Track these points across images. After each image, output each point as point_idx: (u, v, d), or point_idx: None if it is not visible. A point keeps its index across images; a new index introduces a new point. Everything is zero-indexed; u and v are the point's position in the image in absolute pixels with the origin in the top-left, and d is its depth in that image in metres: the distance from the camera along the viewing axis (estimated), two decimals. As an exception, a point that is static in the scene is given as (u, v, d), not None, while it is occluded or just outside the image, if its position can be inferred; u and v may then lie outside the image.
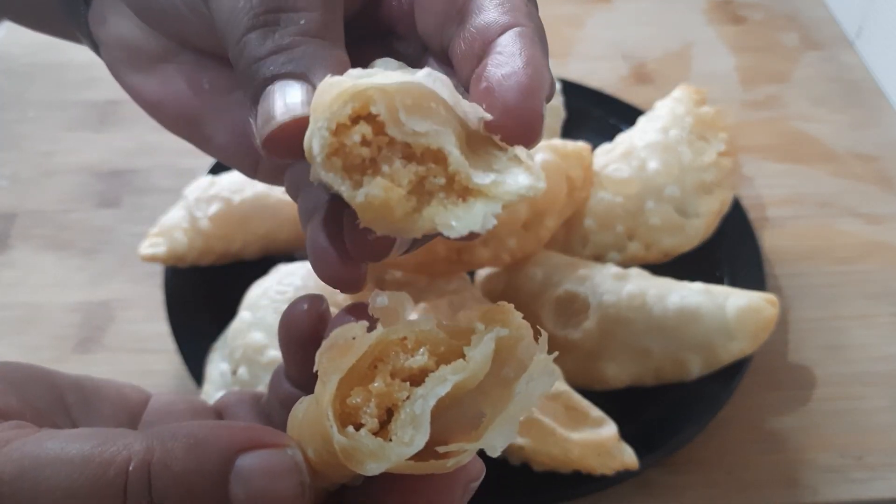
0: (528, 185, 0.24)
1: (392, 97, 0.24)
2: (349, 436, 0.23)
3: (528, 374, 0.24)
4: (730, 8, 0.92)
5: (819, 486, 0.53)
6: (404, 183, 0.24)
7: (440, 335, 0.25)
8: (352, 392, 0.24)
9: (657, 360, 0.55)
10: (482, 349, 0.24)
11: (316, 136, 0.24)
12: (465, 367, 0.24)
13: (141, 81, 0.35)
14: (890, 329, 0.62)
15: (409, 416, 0.23)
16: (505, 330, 0.25)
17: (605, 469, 0.49)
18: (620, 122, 0.72)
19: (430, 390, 0.23)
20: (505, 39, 0.27)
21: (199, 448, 0.24)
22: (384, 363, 0.24)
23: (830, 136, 0.77)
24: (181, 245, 0.60)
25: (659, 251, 0.61)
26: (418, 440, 0.23)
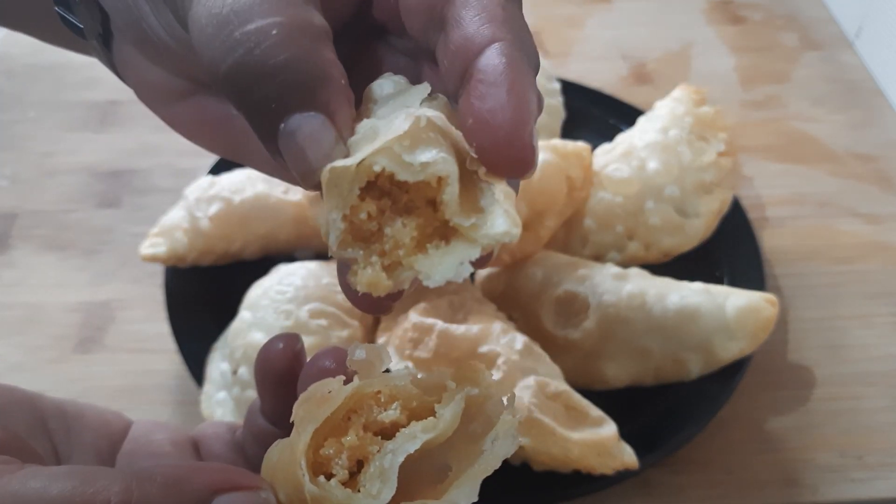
0: (504, 230, 0.25)
1: (390, 149, 0.25)
2: (320, 485, 0.24)
3: (494, 432, 0.26)
4: (729, 8, 0.92)
5: (819, 486, 0.53)
6: (408, 241, 0.26)
7: (413, 391, 0.26)
8: (325, 443, 0.25)
9: (657, 360, 0.55)
10: (452, 408, 0.25)
11: (332, 230, 0.26)
12: (434, 426, 0.25)
13: (175, 114, 0.35)
14: (889, 329, 0.62)
15: (378, 469, 0.24)
16: (475, 389, 0.26)
17: (605, 469, 0.49)
18: (620, 122, 0.72)
19: (400, 446, 0.25)
20: (485, 62, 0.26)
21: (176, 488, 0.24)
22: (358, 415, 0.25)
23: (830, 136, 0.77)
24: (181, 245, 0.60)
25: (659, 251, 0.61)
26: (385, 494, 0.24)
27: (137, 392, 0.58)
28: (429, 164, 0.25)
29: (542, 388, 0.49)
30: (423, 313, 0.52)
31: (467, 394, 0.26)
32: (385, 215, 0.26)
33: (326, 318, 0.53)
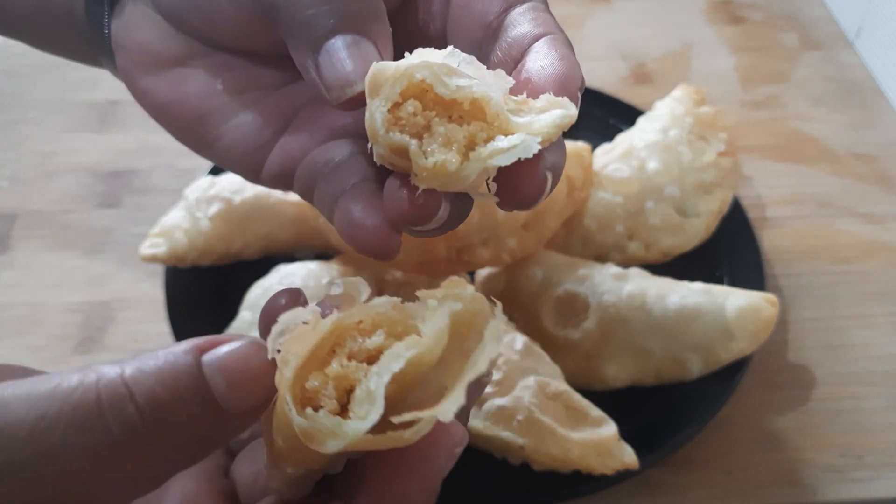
0: (562, 114, 0.27)
1: (433, 67, 0.27)
2: (308, 417, 0.24)
3: (484, 342, 0.25)
4: (729, 8, 0.92)
5: (819, 486, 0.53)
6: (459, 139, 0.27)
7: (397, 316, 0.26)
8: (310, 377, 0.25)
9: (657, 360, 0.55)
10: (435, 323, 0.25)
11: (377, 113, 0.27)
12: (418, 342, 0.24)
13: (153, 84, 0.36)
14: (890, 329, 0.62)
15: (365, 392, 0.24)
16: (458, 304, 0.25)
17: (605, 469, 0.49)
18: (620, 122, 0.72)
19: (385, 367, 0.24)
20: (539, 44, 0.30)
21: (164, 356, 0.24)
22: (342, 347, 0.25)
23: (830, 136, 0.77)
24: (182, 245, 0.60)
25: (659, 251, 0.61)
26: (372, 415, 0.23)
27: (137, 392, 0.58)
28: (464, 87, 0.27)
29: (542, 388, 0.49)
30: None
31: (451, 309, 0.25)
32: (433, 121, 0.27)
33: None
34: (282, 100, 0.36)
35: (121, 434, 0.23)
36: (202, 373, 0.24)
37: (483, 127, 0.27)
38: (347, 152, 0.33)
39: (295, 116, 0.36)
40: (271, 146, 0.36)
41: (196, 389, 0.24)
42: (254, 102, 0.36)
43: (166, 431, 0.24)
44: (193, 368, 0.24)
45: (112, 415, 0.23)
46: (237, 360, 0.25)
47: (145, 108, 0.37)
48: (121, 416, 0.23)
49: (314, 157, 0.34)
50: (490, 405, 0.48)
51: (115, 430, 0.23)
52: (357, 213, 0.30)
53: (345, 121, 0.35)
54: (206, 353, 0.25)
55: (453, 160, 0.27)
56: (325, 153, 0.34)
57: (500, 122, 0.27)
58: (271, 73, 0.36)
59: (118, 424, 0.23)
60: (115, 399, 0.23)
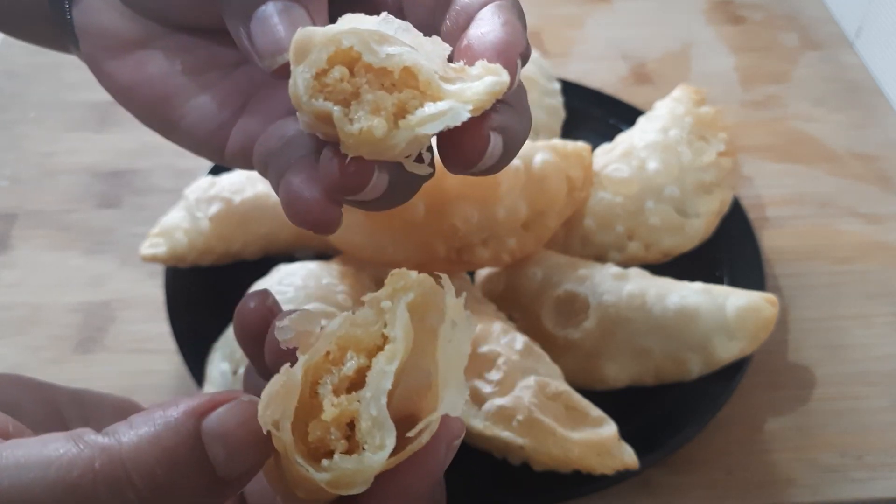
0: (493, 81, 0.26)
1: (362, 34, 0.26)
2: (329, 469, 0.23)
3: (448, 319, 0.25)
4: (729, 8, 0.92)
5: (819, 486, 0.53)
6: (388, 106, 0.26)
7: (357, 331, 0.25)
8: (308, 430, 0.24)
9: (657, 360, 0.55)
10: (399, 325, 0.24)
11: (300, 79, 0.26)
12: (395, 352, 0.24)
13: (116, 68, 0.36)
14: (890, 329, 0.62)
15: (370, 421, 0.23)
16: (410, 293, 0.25)
17: (605, 469, 0.49)
18: (620, 122, 0.72)
19: (377, 389, 0.24)
20: (485, 10, 0.29)
21: (163, 429, 0.24)
22: (321, 384, 0.25)
23: (830, 136, 0.77)
24: (182, 245, 0.60)
25: (659, 251, 0.61)
26: (388, 441, 0.23)
27: (138, 392, 0.57)
28: (393, 55, 0.26)
29: (542, 388, 0.49)
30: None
31: (406, 301, 0.25)
32: (362, 87, 0.26)
33: (326, 318, 0.53)
34: (241, 78, 0.36)
35: None
36: (201, 443, 0.24)
37: (415, 95, 0.27)
38: (297, 127, 0.33)
39: (254, 94, 0.36)
40: (232, 125, 0.36)
41: (196, 462, 0.23)
42: (213, 82, 0.36)
43: None
44: (193, 439, 0.24)
45: (109, 498, 0.22)
46: (236, 425, 0.24)
47: (110, 92, 0.37)
48: (120, 500, 0.22)
49: (268, 134, 0.34)
50: (490, 405, 0.48)
51: None
52: (295, 186, 0.30)
53: None
54: (204, 418, 0.24)
55: (380, 127, 0.26)
56: (278, 130, 0.34)
57: (432, 90, 0.27)
58: (229, 52, 0.36)
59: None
60: (114, 484, 0.22)
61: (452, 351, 0.25)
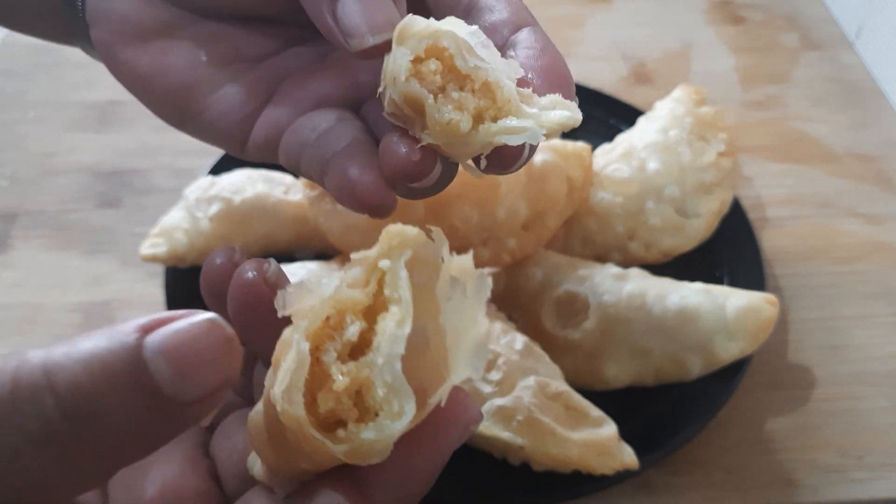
0: (568, 115, 0.29)
1: (457, 39, 0.28)
2: (346, 440, 0.22)
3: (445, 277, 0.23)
4: (729, 8, 0.92)
5: (819, 486, 0.53)
6: (470, 108, 0.29)
7: (353, 293, 0.24)
8: (318, 400, 0.23)
9: (657, 360, 0.55)
10: (403, 284, 0.23)
11: (401, 59, 0.29)
12: (404, 314, 0.23)
13: (134, 56, 0.35)
14: (890, 329, 0.62)
15: (385, 387, 0.22)
16: (408, 251, 0.23)
17: (605, 469, 0.49)
18: (620, 122, 0.72)
19: (390, 354, 0.22)
20: (523, 35, 0.31)
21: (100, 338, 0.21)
22: (324, 351, 0.23)
23: (830, 137, 0.77)
24: (182, 245, 0.60)
25: (659, 251, 0.61)
26: (408, 406, 0.22)
27: (137, 392, 0.58)
28: (480, 67, 0.29)
29: (542, 388, 0.49)
30: None
31: (405, 259, 0.23)
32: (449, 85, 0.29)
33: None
34: (266, 71, 0.36)
35: (38, 431, 0.20)
36: (142, 357, 0.21)
37: (491, 106, 0.29)
38: (334, 118, 0.34)
39: (279, 87, 0.36)
40: (256, 117, 0.36)
41: (133, 376, 0.21)
42: (238, 74, 0.36)
43: (95, 426, 0.21)
44: (131, 352, 0.21)
45: (29, 408, 0.20)
46: (185, 341, 0.21)
47: (123, 81, 0.37)
48: (37, 409, 0.20)
49: (299, 125, 0.35)
50: (490, 405, 0.48)
51: (31, 426, 0.20)
52: (353, 171, 0.31)
53: (328, 90, 0.36)
54: (150, 333, 0.21)
55: (466, 122, 0.28)
56: (310, 121, 0.34)
57: (510, 107, 0.29)
58: (256, 43, 0.37)
59: (35, 420, 0.20)
60: (32, 390, 0.20)
61: (456, 308, 0.23)
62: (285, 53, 0.37)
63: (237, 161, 0.66)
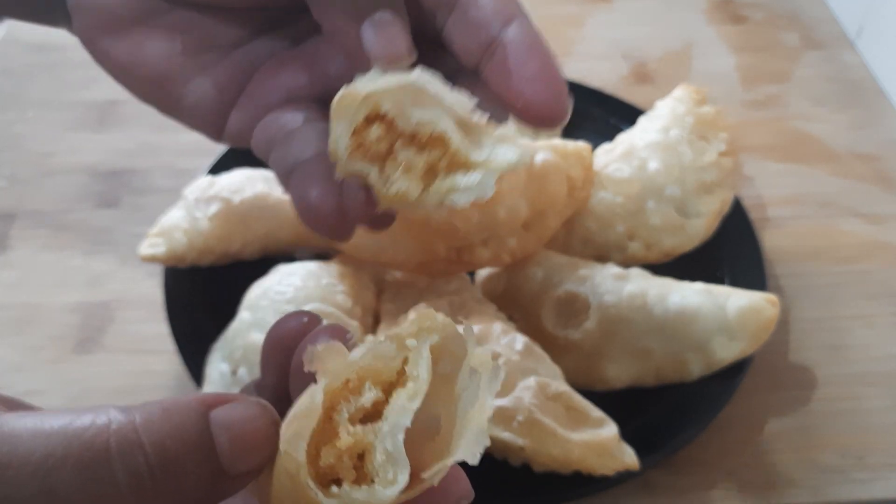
0: (517, 158, 0.29)
1: (397, 96, 0.28)
2: (339, 497, 0.23)
3: (466, 366, 0.25)
4: (730, 7, 0.92)
5: (820, 487, 0.53)
6: (419, 167, 0.29)
7: (378, 364, 0.25)
8: (321, 454, 0.24)
9: (658, 361, 0.55)
10: (423, 364, 0.24)
11: (340, 140, 0.29)
12: (416, 390, 0.24)
13: (113, 45, 0.36)
14: (891, 329, 0.61)
15: (384, 454, 0.23)
16: (435, 336, 0.25)
17: (605, 470, 0.48)
18: (620, 122, 0.71)
19: (396, 425, 0.23)
20: (511, 34, 0.31)
21: (174, 408, 0.24)
22: (338, 412, 0.24)
23: (831, 136, 0.77)
24: (181, 245, 0.60)
25: (659, 251, 0.61)
26: (401, 477, 0.23)
27: (136, 393, 0.58)
28: (425, 122, 0.29)
29: (542, 388, 0.49)
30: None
31: (431, 342, 0.25)
32: (395, 145, 0.30)
33: (326, 318, 0.53)
34: (240, 59, 0.37)
35: (127, 483, 0.22)
36: (209, 429, 0.24)
37: (443, 154, 0.30)
38: (301, 119, 0.35)
39: (252, 77, 0.37)
40: (230, 107, 0.37)
41: (203, 445, 0.24)
42: (213, 63, 0.37)
43: (171, 485, 0.23)
44: (202, 423, 0.24)
45: (121, 462, 0.22)
46: (243, 420, 0.24)
47: (105, 69, 0.38)
48: (130, 464, 0.22)
49: (268, 122, 0.36)
50: (490, 406, 0.48)
51: (121, 478, 0.22)
52: (314, 196, 0.32)
53: (300, 83, 0.36)
54: (214, 409, 0.24)
55: (414, 191, 0.29)
56: (279, 119, 0.35)
57: (459, 156, 0.29)
58: (230, 32, 0.37)
59: (126, 473, 0.22)
60: (126, 446, 0.23)
61: (472, 397, 0.24)
62: (258, 41, 0.38)
63: (237, 161, 0.66)
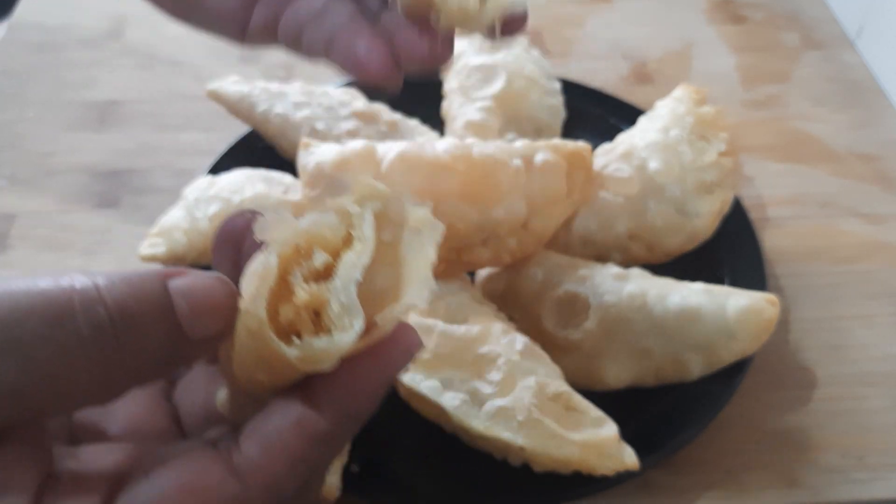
0: None
1: None
2: (299, 346, 0.26)
3: (410, 228, 0.27)
4: (730, 7, 0.92)
5: (820, 487, 0.53)
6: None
7: (324, 231, 0.28)
8: (280, 311, 0.26)
9: (658, 361, 0.55)
10: (367, 225, 0.27)
11: None
12: (364, 249, 0.27)
13: None
14: (891, 329, 0.61)
15: (339, 305, 0.26)
16: (377, 203, 0.27)
17: (605, 470, 0.48)
18: (621, 122, 0.71)
19: (347, 277, 0.26)
20: None
21: (134, 276, 0.26)
22: (291, 274, 0.27)
23: (831, 136, 0.77)
24: (181, 245, 0.60)
25: (660, 251, 0.61)
26: (357, 323, 0.26)
27: (136, 393, 0.58)
28: None
29: (542, 388, 0.49)
30: (423, 314, 0.52)
31: (374, 209, 0.27)
32: None
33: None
34: None
35: (89, 334, 0.24)
36: (169, 294, 0.26)
37: None
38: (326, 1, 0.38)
39: None
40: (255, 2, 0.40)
41: (162, 307, 0.26)
42: None
43: (132, 340, 0.25)
44: (161, 289, 0.26)
45: (83, 315, 0.24)
46: (202, 289, 0.26)
47: None
48: (92, 316, 0.24)
49: (296, 6, 0.39)
50: (490, 406, 0.48)
51: (84, 330, 0.24)
52: (361, 48, 0.36)
53: None
54: (173, 278, 0.26)
55: (474, 2, 0.35)
56: (307, 3, 0.38)
57: None
58: None
59: (88, 324, 0.24)
60: (88, 301, 0.24)
61: (415, 251, 0.27)
62: None
63: (236, 161, 0.66)
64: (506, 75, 0.69)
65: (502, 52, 0.71)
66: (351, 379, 0.27)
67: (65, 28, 0.88)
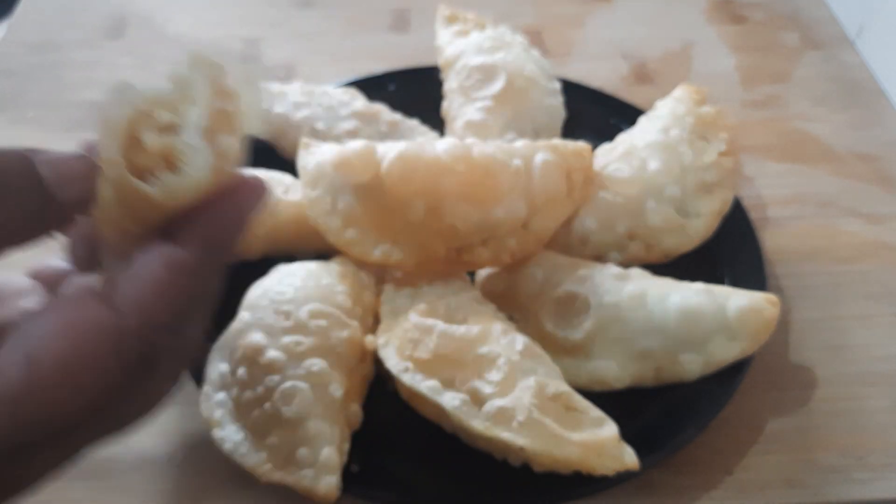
0: None
1: None
2: (157, 183, 0.30)
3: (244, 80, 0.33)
4: (730, 7, 0.92)
5: (820, 487, 0.53)
6: None
7: (163, 96, 0.31)
8: (134, 159, 0.30)
9: (658, 361, 0.55)
10: (201, 83, 0.31)
11: None
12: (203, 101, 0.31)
13: None
14: (891, 329, 0.61)
15: (187, 146, 0.30)
16: (207, 67, 0.32)
17: (605, 470, 0.48)
18: (621, 122, 0.71)
19: (192, 123, 0.30)
20: None
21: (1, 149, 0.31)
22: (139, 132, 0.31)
23: (831, 136, 0.77)
24: (181, 245, 0.60)
25: (660, 251, 0.61)
26: (208, 157, 0.30)
27: (137, 393, 0.58)
28: None
29: (542, 388, 0.49)
30: (423, 314, 0.52)
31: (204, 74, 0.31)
32: None
33: (326, 318, 0.53)
34: None
35: None
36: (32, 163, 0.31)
37: None
38: None
39: None
40: None
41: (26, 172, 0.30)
42: None
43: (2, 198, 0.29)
44: (25, 158, 0.31)
45: None
46: (64, 157, 0.33)
47: None
48: None
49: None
50: (490, 406, 0.48)
51: None
52: None
53: None
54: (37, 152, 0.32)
55: None
56: None
57: None
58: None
59: None
60: None
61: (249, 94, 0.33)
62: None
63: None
64: (506, 75, 0.69)
65: (502, 52, 0.71)
66: (207, 215, 0.32)
67: (65, 28, 0.88)
